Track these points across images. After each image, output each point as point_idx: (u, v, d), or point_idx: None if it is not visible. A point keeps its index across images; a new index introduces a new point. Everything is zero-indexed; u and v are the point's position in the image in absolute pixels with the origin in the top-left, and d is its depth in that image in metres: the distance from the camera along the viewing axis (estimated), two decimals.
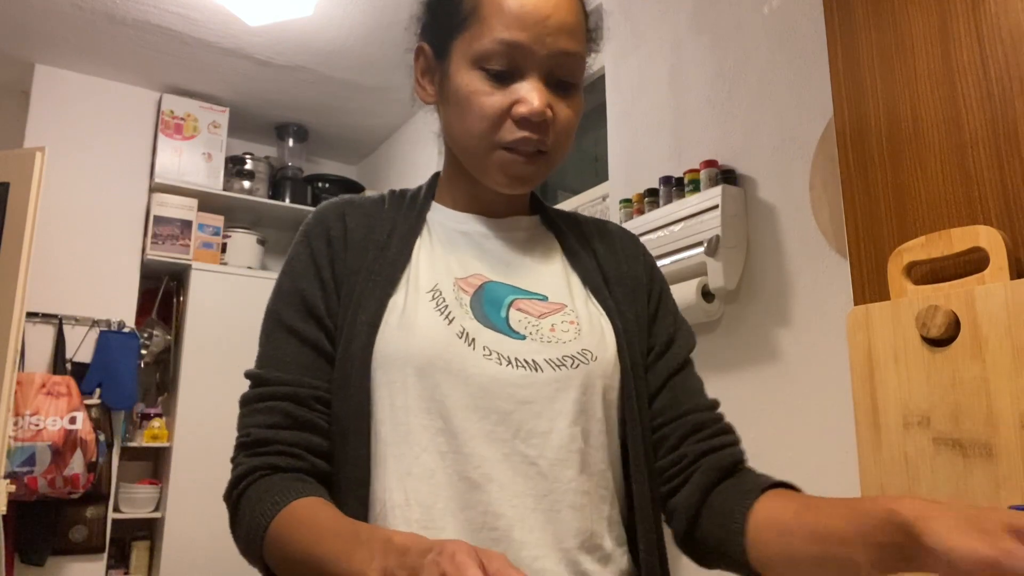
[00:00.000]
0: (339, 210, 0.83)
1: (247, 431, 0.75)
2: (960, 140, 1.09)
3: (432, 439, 0.72)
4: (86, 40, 3.06)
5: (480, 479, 0.71)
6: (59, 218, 3.10)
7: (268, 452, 0.73)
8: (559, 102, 0.77)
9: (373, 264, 0.79)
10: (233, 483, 0.74)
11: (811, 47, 1.65)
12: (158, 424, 3.21)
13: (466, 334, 0.75)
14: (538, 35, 0.74)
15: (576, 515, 0.73)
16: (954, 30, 1.11)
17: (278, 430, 0.74)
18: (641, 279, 0.89)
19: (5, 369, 2.37)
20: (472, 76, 0.76)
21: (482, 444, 0.72)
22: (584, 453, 0.75)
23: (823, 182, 1.59)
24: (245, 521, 0.71)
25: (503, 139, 0.76)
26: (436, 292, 0.77)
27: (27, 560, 2.82)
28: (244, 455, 0.75)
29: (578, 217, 0.94)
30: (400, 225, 0.82)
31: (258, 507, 0.70)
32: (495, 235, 0.85)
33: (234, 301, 3.34)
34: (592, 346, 0.78)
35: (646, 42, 2.17)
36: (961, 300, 1.01)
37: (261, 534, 0.68)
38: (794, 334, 1.64)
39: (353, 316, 0.76)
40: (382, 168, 3.99)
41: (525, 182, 0.80)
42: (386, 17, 2.86)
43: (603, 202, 2.37)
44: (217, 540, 3.11)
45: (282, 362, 0.77)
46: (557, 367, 0.75)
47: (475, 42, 0.76)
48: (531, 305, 0.80)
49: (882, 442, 1.08)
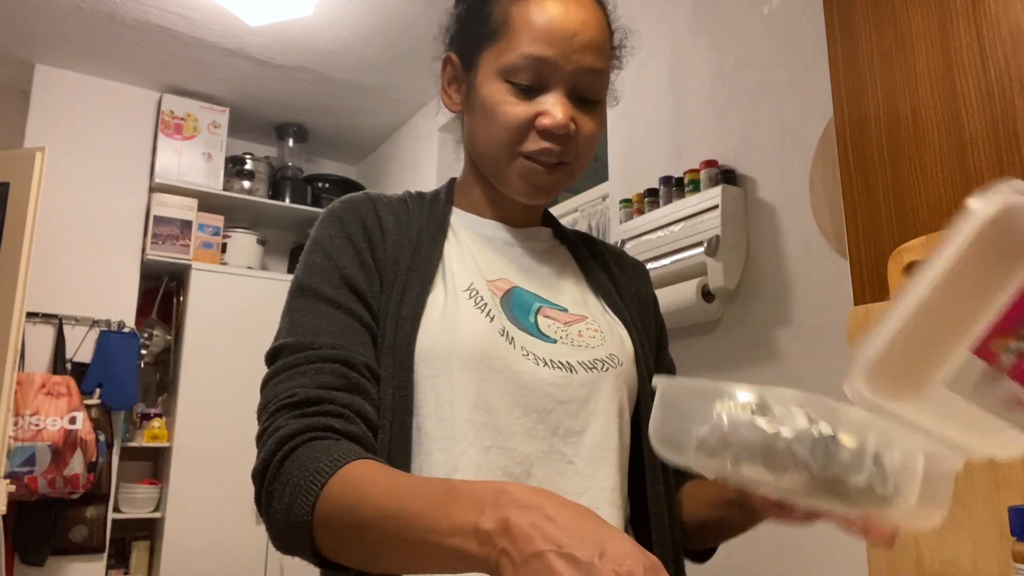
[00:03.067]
0: (370, 202, 0.83)
1: (291, 391, 0.67)
2: (960, 140, 1.09)
3: (477, 434, 0.72)
4: (86, 40, 3.06)
5: (521, 475, 0.72)
6: (59, 218, 3.10)
7: (321, 412, 0.65)
8: (582, 116, 0.79)
9: (410, 260, 0.79)
10: (276, 445, 0.63)
11: (811, 47, 1.65)
12: (158, 424, 3.21)
13: (506, 332, 0.76)
14: (565, 51, 0.76)
15: (614, 513, 0.75)
16: (954, 30, 1.11)
17: (331, 390, 0.67)
18: (649, 305, 0.94)
19: (5, 369, 2.37)
20: (499, 88, 0.78)
21: (524, 440, 0.73)
22: (618, 453, 0.78)
23: (823, 182, 1.59)
24: (291, 484, 0.60)
25: (525, 149, 0.78)
26: (473, 291, 0.78)
27: (27, 560, 2.82)
28: (288, 416, 0.65)
29: (588, 235, 0.97)
30: (427, 225, 0.83)
31: (312, 465, 0.60)
32: (517, 243, 0.87)
33: (234, 301, 3.34)
34: (616, 352, 0.81)
35: (646, 42, 2.17)
36: None
37: (316, 493, 0.58)
38: (794, 334, 1.64)
39: (395, 309, 0.75)
40: (382, 168, 3.99)
41: (545, 192, 0.82)
42: (386, 17, 2.85)
43: (603, 202, 2.37)
44: (217, 540, 3.11)
45: (325, 330, 0.71)
46: (589, 369, 0.78)
47: (503, 55, 0.78)
48: (556, 314, 0.82)
49: None
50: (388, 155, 3.93)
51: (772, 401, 0.52)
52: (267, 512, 0.63)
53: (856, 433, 0.49)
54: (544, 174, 0.79)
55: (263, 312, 3.47)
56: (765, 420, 0.51)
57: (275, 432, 0.64)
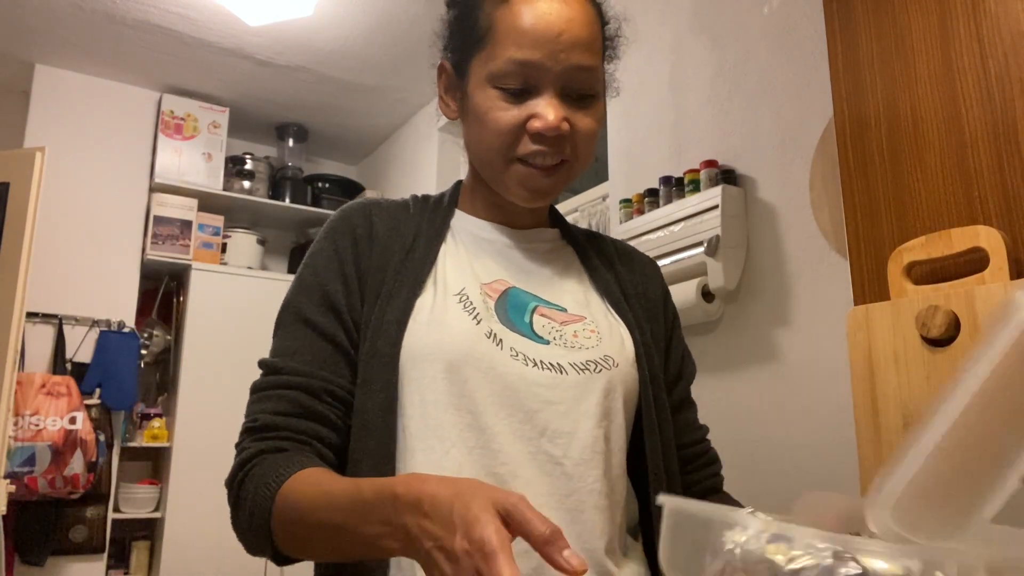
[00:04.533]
0: (365, 209, 0.84)
1: (254, 417, 0.74)
2: (960, 140, 1.09)
3: (461, 434, 0.73)
4: (86, 40, 3.06)
5: (506, 476, 0.72)
6: (59, 218, 3.10)
7: (275, 437, 0.73)
8: (577, 114, 0.79)
9: (400, 265, 0.80)
10: (237, 467, 0.73)
11: (811, 47, 1.65)
12: (158, 424, 3.21)
13: (494, 335, 0.76)
14: (551, 52, 0.76)
15: (600, 517, 0.75)
16: (954, 30, 1.11)
17: (287, 417, 0.73)
18: (658, 302, 0.94)
19: (5, 369, 2.37)
20: (489, 94, 0.78)
21: (509, 441, 0.73)
22: (607, 456, 0.77)
23: (823, 182, 1.59)
24: (249, 499, 0.69)
25: (519, 153, 0.78)
26: (463, 295, 0.79)
27: (27, 560, 2.82)
28: (250, 439, 0.74)
29: (596, 234, 0.97)
30: (425, 229, 0.84)
31: (263, 480, 0.68)
32: (517, 246, 0.87)
33: (234, 301, 3.34)
34: (613, 353, 0.81)
35: (646, 42, 2.17)
36: (961, 300, 1.01)
37: (268, 507, 0.66)
38: (794, 334, 1.64)
39: (380, 314, 0.76)
40: (382, 168, 3.98)
41: (544, 195, 0.82)
42: (386, 17, 2.85)
43: (603, 202, 2.37)
44: (217, 540, 3.10)
45: (297, 354, 0.77)
46: (581, 371, 0.78)
47: (491, 62, 0.77)
48: (553, 313, 0.82)
49: (882, 442, 1.08)
50: (388, 155, 3.93)
51: (786, 533, 0.45)
52: (234, 522, 0.73)
53: (894, 560, 0.40)
54: (541, 177, 0.79)
55: (263, 312, 3.46)
56: (782, 554, 0.45)
57: (240, 452, 0.74)
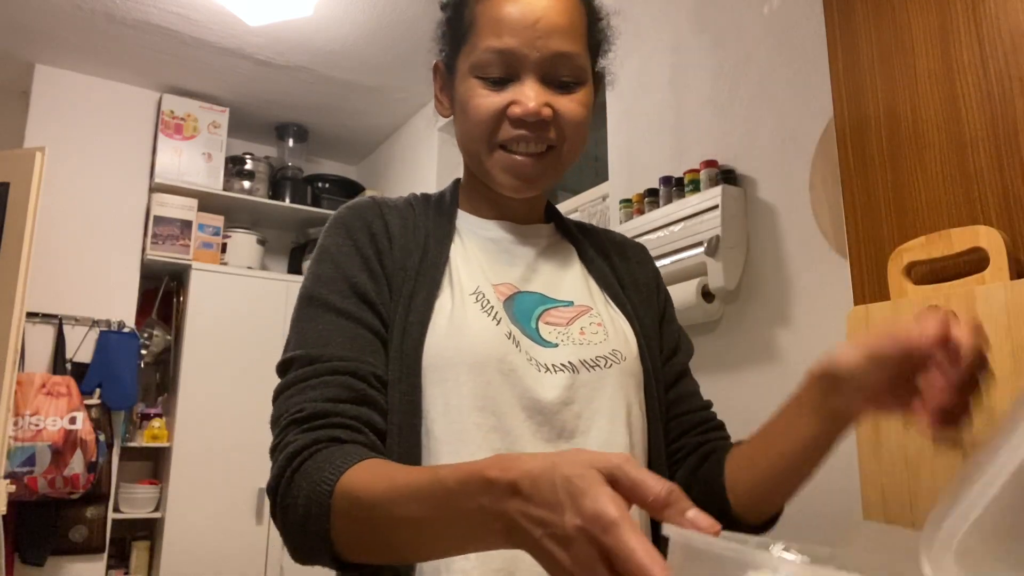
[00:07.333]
0: (376, 207, 0.83)
1: (300, 407, 0.68)
2: (960, 140, 1.09)
3: (485, 437, 0.72)
4: (86, 40, 3.06)
5: None
6: (59, 218, 3.10)
7: (327, 425, 0.67)
8: (561, 99, 0.79)
9: (418, 265, 0.79)
10: (285, 462, 0.65)
11: (811, 47, 1.65)
12: (158, 424, 3.21)
13: (512, 336, 0.77)
14: (528, 39, 0.76)
15: None
16: (954, 30, 1.11)
17: (339, 403, 0.68)
18: (651, 286, 0.95)
19: (5, 369, 2.37)
20: (471, 84, 0.79)
21: (530, 443, 0.73)
22: (628, 450, 0.78)
23: (823, 182, 1.59)
24: (303, 497, 0.62)
25: (500, 139, 0.78)
26: (479, 295, 0.79)
27: (27, 560, 2.82)
28: (297, 431, 0.66)
29: (589, 226, 0.97)
30: (434, 230, 0.83)
31: (319, 476, 0.61)
32: (521, 242, 0.87)
33: (234, 301, 3.34)
34: (620, 347, 0.81)
35: (646, 42, 2.17)
36: (961, 300, 1.01)
37: (327, 504, 0.59)
38: (794, 334, 1.64)
39: (403, 315, 0.76)
40: (382, 168, 3.99)
41: (531, 182, 0.81)
42: (386, 17, 2.85)
43: (603, 202, 2.37)
44: (217, 540, 3.11)
45: (334, 341, 0.72)
46: (591, 368, 0.78)
47: (472, 54, 0.79)
48: (558, 314, 0.82)
49: (882, 442, 1.08)
50: (388, 155, 3.93)
51: None
52: (283, 525, 0.65)
53: None
54: (527, 165, 0.79)
55: (263, 312, 3.50)
56: None
57: (285, 448, 0.66)
